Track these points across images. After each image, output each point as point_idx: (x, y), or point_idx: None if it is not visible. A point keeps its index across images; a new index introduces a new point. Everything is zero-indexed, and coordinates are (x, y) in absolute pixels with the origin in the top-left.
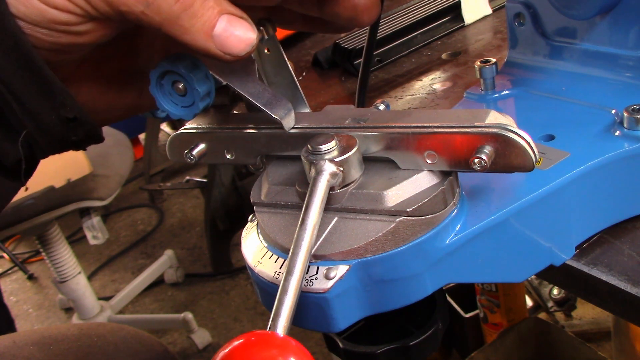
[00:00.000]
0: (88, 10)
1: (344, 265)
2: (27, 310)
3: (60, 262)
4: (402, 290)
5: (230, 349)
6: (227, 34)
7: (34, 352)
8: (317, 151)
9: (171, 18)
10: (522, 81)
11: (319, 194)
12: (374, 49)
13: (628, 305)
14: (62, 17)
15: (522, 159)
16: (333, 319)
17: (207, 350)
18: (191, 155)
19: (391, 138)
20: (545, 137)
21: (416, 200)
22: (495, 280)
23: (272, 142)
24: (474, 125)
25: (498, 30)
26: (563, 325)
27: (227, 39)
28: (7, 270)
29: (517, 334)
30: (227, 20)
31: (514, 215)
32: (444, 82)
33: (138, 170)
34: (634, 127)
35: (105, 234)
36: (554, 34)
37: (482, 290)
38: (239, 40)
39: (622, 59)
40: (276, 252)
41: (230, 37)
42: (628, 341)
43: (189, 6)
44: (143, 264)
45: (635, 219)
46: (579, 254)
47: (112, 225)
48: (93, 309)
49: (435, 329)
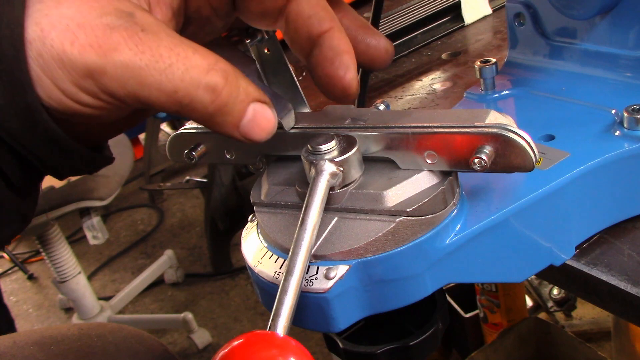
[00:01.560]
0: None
1: (344, 265)
2: (27, 310)
3: (60, 262)
4: (402, 290)
5: (230, 349)
6: (252, 124)
7: (34, 352)
8: (317, 151)
9: (204, 116)
10: (522, 81)
11: (319, 194)
12: None
13: (628, 305)
14: (87, 111)
15: (522, 159)
16: (333, 319)
17: (207, 350)
18: (191, 155)
19: (391, 138)
20: (545, 137)
21: (416, 200)
22: (495, 280)
23: (272, 142)
24: (474, 125)
25: (498, 30)
26: (563, 325)
27: (251, 129)
28: (7, 270)
29: (517, 334)
30: (252, 112)
31: (514, 215)
32: (444, 82)
33: (138, 170)
34: (634, 127)
35: (105, 234)
36: (554, 34)
37: (482, 290)
38: (261, 130)
39: (622, 59)
40: (276, 252)
41: (254, 128)
42: (628, 341)
43: (224, 106)
44: (143, 264)
45: (635, 219)
46: (579, 254)
47: (112, 225)
48: (93, 309)
49: (435, 329)
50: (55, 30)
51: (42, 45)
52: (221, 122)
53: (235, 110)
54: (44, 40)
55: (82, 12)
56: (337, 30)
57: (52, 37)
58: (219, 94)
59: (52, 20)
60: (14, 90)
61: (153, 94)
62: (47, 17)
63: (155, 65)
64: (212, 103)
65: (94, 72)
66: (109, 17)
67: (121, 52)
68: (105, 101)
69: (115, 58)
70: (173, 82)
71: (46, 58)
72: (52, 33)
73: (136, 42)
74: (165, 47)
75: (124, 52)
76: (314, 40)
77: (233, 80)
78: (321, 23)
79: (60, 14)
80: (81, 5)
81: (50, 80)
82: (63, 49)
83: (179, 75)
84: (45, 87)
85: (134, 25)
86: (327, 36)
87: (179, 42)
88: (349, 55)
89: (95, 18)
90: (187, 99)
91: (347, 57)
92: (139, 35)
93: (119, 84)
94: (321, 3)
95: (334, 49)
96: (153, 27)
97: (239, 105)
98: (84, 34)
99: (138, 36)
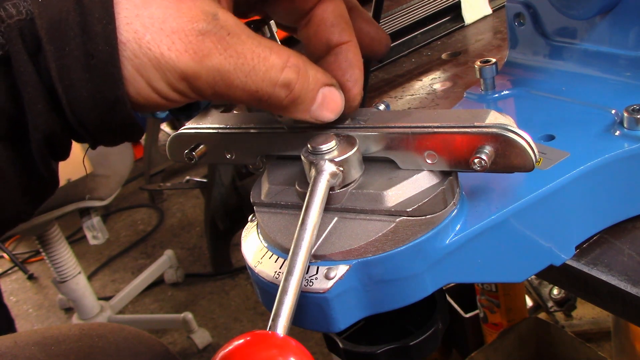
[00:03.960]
0: (198, 99)
1: (344, 265)
2: (27, 310)
3: (60, 262)
4: (402, 290)
5: (230, 349)
6: (321, 107)
7: (35, 353)
8: (317, 151)
9: (280, 109)
10: (522, 81)
11: (319, 194)
12: None
13: (628, 305)
14: (169, 104)
15: (522, 159)
16: (333, 319)
17: (207, 350)
18: (191, 155)
19: (391, 138)
20: (545, 137)
21: (416, 200)
22: (495, 280)
23: (272, 142)
24: (474, 125)
25: (498, 30)
26: (563, 325)
27: (321, 113)
28: (7, 270)
29: (517, 334)
30: (321, 97)
31: (514, 215)
32: (444, 82)
33: (138, 170)
34: (634, 127)
35: (105, 234)
36: (554, 34)
37: (482, 290)
38: (329, 112)
39: (622, 59)
40: (276, 252)
41: (323, 111)
42: (628, 341)
43: (297, 97)
44: (143, 264)
45: (635, 219)
46: (579, 254)
47: (112, 225)
48: (93, 309)
49: (435, 329)
50: (149, 33)
51: (138, 47)
52: (294, 110)
53: (307, 99)
54: (140, 42)
55: (172, 15)
56: (354, 45)
57: (148, 40)
58: (293, 88)
59: (144, 21)
60: (105, 84)
61: (237, 93)
62: (138, 18)
63: (242, 68)
64: (286, 97)
65: (189, 76)
66: (199, 23)
67: (213, 57)
68: (190, 98)
69: (209, 63)
70: (256, 83)
71: (143, 60)
72: (147, 36)
73: (225, 46)
74: (248, 49)
75: (215, 57)
76: (331, 47)
77: (304, 73)
78: (342, 34)
79: (151, 15)
80: (169, 7)
81: (144, 79)
82: (161, 52)
83: (261, 76)
84: (137, 85)
85: (221, 29)
86: (345, 48)
87: (258, 43)
88: (360, 71)
89: (187, 23)
90: (266, 96)
91: (358, 72)
92: (227, 39)
93: (209, 85)
94: (344, 15)
95: (349, 61)
96: (235, 29)
97: (310, 93)
98: (179, 40)
99: (226, 40)
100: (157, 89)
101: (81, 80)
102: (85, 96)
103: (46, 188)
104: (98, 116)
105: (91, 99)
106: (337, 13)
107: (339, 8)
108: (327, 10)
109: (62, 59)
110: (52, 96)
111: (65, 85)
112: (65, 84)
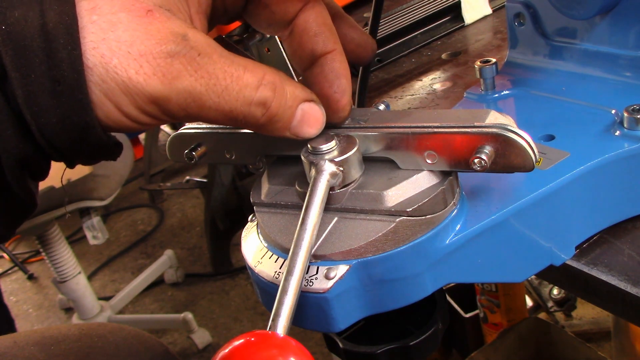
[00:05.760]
0: (170, 122)
1: (344, 265)
2: (27, 310)
3: (60, 262)
4: (402, 290)
5: (230, 349)
6: (301, 124)
7: (34, 353)
8: (317, 151)
9: (257, 127)
10: (522, 81)
11: (319, 194)
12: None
13: (628, 305)
14: (140, 127)
15: (522, 159)
16: (333, 319)
17: (207, 350)
18: (191, 155)
19: (391, 138)
20: (545, 137)
21: (416, 200)
22: (495, 280)
23: (272, 142)
24: (474, 125)
25: (498, 30)
26: (563, 325)
27: (301, 129)
28: (7, 270)
29: (517, 334)
30: (301, 113)
31: (514, 215)
32: (444, 82)
33: (138, 170)
34: (634, 127)
35: (105, 234)
36: (554, 34)
37: (482, 290)
38: (310, 127)
39: (622, 59)
40: (276, 252)
41: (303, 127)
42: (628, 341)
43: (274, 115)
44: (143, 264)
45: (635, 219)
46: (579, 254)
47: (112, 225)
48: (93, 309)
49: (435, 329)
50: (116, 57)
51: (105, 72)
52: (272, 129)
53: (285, 117)
54: (107, 67)
55: (140, 38)
56: (339, 53)
57: (115, 64)
58: (269, 106)
59: (110, 45)
60: (72, 110)
61: (211, 114)
62: (105, 42)
63: (214, 89)
64: (263, 116)
65: (159, 99)
66: (168, 44)
67: (183, 79)
68: (163, 120)
69: (179, 85)
70: (229, 103)
71: (111, 84)
72: (114, 60)
73: (195, 67)
74: (220, 69)
75: (185, 79)
76: (316, 58)
77: (280, 90)
78: (326, 43)
79: (118, 38)
80: (137, 30)
81: (113, 104)
82: (128, 76)
83: (234, 96)
84: (106, 110)
85: (191, 50)
86: (330, 57)
87: (230, 62)
88: (347, 80)
89: (155, 46)
90: (241, 116)
91: (345, 82)
92: (197, 60)
93: (181, 108)
94: (327, 22)
95: (335, 71)
96: (206, 49)
97: (288, 111)
98: (147, 63)
99: (196, 61)
100: (127, 113)
101: (49, 106)
102: (54, 122)
103: (24, 209)
104: (69, 140)
105: (60, 124)
106: (320, 21)
107: (321, 16)
108: (309, 19)
109: (28, 86)
110: (20, 122)
111: (34, 111)
112: (33, 110)
